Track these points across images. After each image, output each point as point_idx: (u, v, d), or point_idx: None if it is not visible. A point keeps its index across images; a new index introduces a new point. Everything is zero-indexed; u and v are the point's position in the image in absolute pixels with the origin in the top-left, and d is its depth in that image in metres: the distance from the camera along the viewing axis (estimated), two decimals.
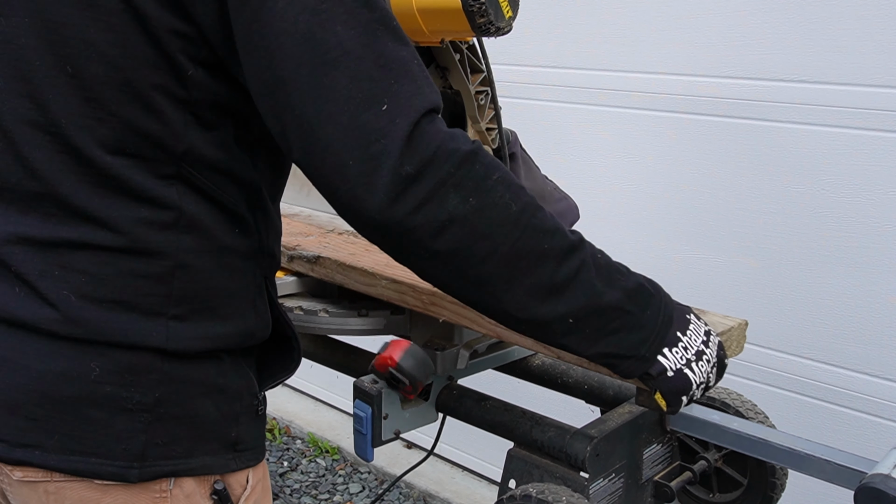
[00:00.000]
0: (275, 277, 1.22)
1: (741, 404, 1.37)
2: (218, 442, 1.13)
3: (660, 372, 1.08)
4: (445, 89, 1.68)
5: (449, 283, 1.03)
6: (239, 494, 1.17)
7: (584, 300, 1.02)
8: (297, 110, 0.95)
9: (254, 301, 1.14)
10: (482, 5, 1.44)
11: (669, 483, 1.35)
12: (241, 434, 1.15)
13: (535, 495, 1.20)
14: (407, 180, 0.94)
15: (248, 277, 1.13)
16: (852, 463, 1.16)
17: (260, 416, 1.19)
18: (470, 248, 0.98)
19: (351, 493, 3.37)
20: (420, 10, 1.50)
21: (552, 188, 1.82)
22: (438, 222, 0.96)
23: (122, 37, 0.99)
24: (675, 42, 2.45)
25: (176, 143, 1.03)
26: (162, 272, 1.05)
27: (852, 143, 2.17)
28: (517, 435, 1.35)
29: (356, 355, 1.62)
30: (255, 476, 1.19)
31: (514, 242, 0.99)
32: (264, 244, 1.16)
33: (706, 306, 2.51)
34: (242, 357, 1.16)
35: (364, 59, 0.95)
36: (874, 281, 2.19)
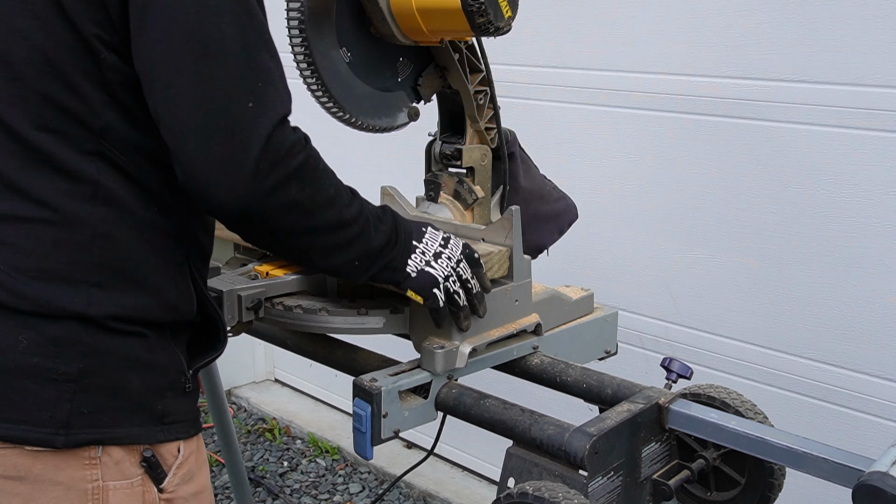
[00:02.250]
0: (202, 260, 1.33)
1: (741, 404, 1.37)
2: (144, 414, 1.21)
3: (405, 276, 1.35)
4: (444, 89, 1.68)
5: (276, 250, 1.34)
6: (171, 463, 1.25)
7: (365, 247, 1.29)
8: (173, 91, 1.09)
9: (175, 277, 1.24)
10: (482, 5, 1.45)
11: (668, 481, 1.36)
12: (169, 408, 1.24)
13: (532, 493, 1.20)
14: (263, 172, 1.11)
15: (169, 254, 1.23)
16: (850, 461, 1.16)
17: (189, 392, 1.28)
18: (301, 226, 1.21)
19: (351, 493, 3.37)
20: (419, 9, 1.50)
21: (551, 188, 1.82)
22: (282, 207, 1.16)
23: (44, 23, 1.11)
24: (675, 42, 2.45)
25: (94, 120, 1.14)
26: (82, 240, 1.15)
27: (852, 143, 2.17)
28: (516, 433, 1.35)
29: (355, 354, 1.62)
30: (187, 448, 1.27)
31: (328, 217, 1.23)
32: (185, 225, 1.26)
33: (706, 306, 2.52)
34: (172, 336, 1.25)
35: (241, 59, 1.10)
36: (874, 281, 2.19)
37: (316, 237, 1.24)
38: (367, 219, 1.30)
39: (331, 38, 1.58)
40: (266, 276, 1.58)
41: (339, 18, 1.59)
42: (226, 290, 1.50)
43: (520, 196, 1.74)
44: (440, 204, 1.69)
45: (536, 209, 1.76)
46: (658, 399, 1.35)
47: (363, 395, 1.39)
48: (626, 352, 1.81)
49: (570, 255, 2.79)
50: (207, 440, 3.74)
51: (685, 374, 1.52)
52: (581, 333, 1.68)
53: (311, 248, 1.25)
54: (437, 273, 1.37)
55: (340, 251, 1.27)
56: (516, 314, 1.54)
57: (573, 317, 1.69)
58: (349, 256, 1.29)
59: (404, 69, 1.65)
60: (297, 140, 1.16)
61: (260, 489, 3.40)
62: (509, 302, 1.52)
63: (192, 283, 1.27)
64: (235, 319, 1.51)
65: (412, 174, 1.85)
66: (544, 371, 1.53)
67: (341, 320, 1.51)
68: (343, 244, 1.27)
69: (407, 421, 1.42)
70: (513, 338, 1.55)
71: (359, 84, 1.65)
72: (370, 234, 1.30)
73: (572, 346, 1.66)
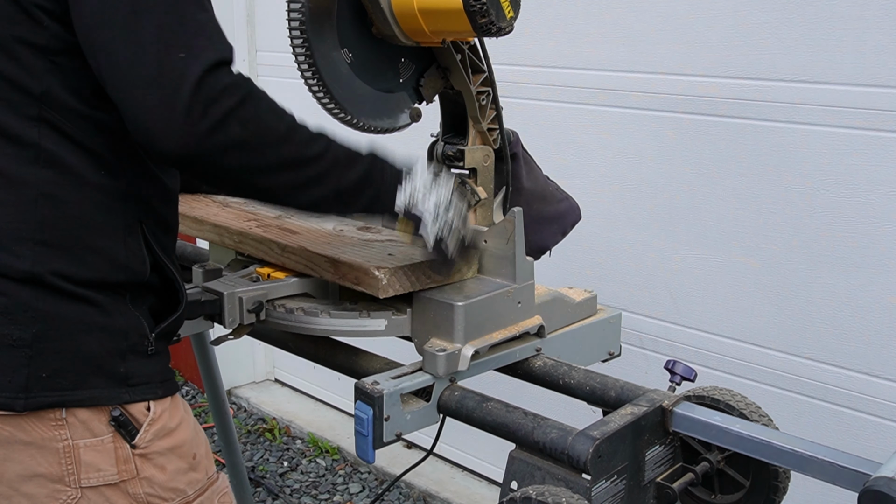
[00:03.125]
0: (161, 228, 1.36)
1: (745, 406, 1.37)
2: (105, 376, 1.27)
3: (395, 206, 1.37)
4: (447, 89, 1.67)
5: (242, 192, 1.37)
6: (142, 421, 1.30)
7: (336, 185, 1.31)
8: (109, 50, 1.15)
9: (123, 237, 1.29)
10: (483, 5, 1.44)
11: (672, 484, 1.35)
12: (132, 370, 1.29)
13: (535, 497, 1.20)
14: (197, 114, 1.14)
15: (118, 215, 1.28)
16: (856, 465, 1.16)
17: (153, 355, 1.32)
18: (253, 164, 1.22)
19: (351, 493, 3.37)
20: (421, 10, 1.49)
21: (554, 189, 1.81)
22: (225, 146, 1.18)
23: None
24: (675, 42, 2.45)
25: (34, 86, 1.20)
26: (26, 200, 1.22)
27: (852, 143, 2.17)
28: (519, 437, 1.35)
29: (357, 356, 1.62)
30: (159, 406, 1.32)
31: (284, 154, 1.24)
32: (136, 189, 1.31)
33: (706, 306, 2.51)
34: (132, 301, 1.30)
35: (169, 13, 1.15)
36: (874, 281, 2.19)
37: (274, 175, 1.25)
38: (337, 157, 1.31)
39: (332, 39, 1.57)
40: (267, 278, 1.58)
41: (341, 19, 1.58)
42: (227, 292, 1.50)
43: (522, 197, 1.73)
44: None
45: (539, 210, 1.75)
46: (662, 402, 1.35)
47: (365, 398, 1.39)
48: (626, 352, 1.81)
49: (570, 255, 2.78)
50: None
51: (689, 377, 1.52)
52: (584, 335, 1.68)
53: (274, 186, 1.27)
54: (426, 213, 1.38)
55: (307, 189, 1.29)
56: (519, 316, 1.54)
57: (576, 319, 1.68)
58: (320, 193, 1.30)
59: (406, 70, 1.65)
60: (233, 82, 1.18)
61: (260, 489, 3.40)
62: (512, 304, 1.52)
63: (144, 246, 1.31)
64: (237, 322, 1.51)
65: None
66: (547, 373, 1.53)
67: (343, 323, 1.51)
68: (308, 182, 1.28)
69: (409, 424, 1.42)
70: (516, 340, 1.54)
71: (360, 85, 1.64)
72: (340, 172, 1.31)
73: (575, 349, 1.66)
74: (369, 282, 1.44)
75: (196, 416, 4.00)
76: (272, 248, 1.61)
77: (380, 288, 1.43)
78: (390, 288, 1.44)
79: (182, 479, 1.36)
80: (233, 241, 1.70)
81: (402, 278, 1.45)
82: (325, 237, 1.64)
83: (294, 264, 1.57)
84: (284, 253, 1.59)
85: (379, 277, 1.43)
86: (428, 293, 1.49)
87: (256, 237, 1.64)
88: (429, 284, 1.49)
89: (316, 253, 1.54)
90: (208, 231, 1.75)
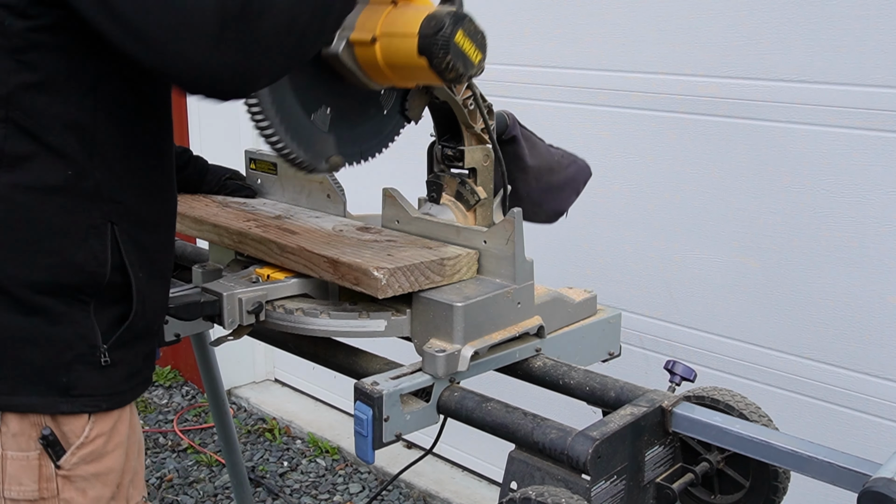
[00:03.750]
0: (135, 224, 1.32)
1: (745, 407, 1.37)
2: (45, 385, 1.26)
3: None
4: (433, 100, 1.67)
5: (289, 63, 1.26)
6: (73, 442, 1.28)
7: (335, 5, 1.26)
8: (118, 10, 1.11)
9: (84, 239, 1.25)
10: (449, 62, 1.43)
11: (671, 485, 1.35)
12: (76, 381, 1.27)
13: (535, 498, 1.20)
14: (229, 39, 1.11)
15: (82, 217, 1.25)
16: (855, 465, 1.16)
17: (107, 366, 1.29)
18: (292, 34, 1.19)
19: (351, 493, 3.37)
20: (388, 66, 1.50)
21: (559, 157, 1.81)
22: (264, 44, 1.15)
23: None
24: (675, 42, 2.44)
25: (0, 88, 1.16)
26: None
27: (852, 143, 2.17)
28: (518, 437, 1.34)
29: (357, 357, 1.62)
30: (99, 427, 1.30)
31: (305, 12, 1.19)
32: (104, 188, 1.27)
33: (706, 306, 2.51)
34: (95, 308, 1.28)
35: None
36: (874, 281, 2.19)
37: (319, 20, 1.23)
38: None
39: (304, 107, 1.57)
40: (267, 279, 1.58)
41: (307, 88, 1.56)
42: (226, 293, 1.50)
43: (529, 175, 1.74)
44: (442, 205, 1.69)
45: (549, 181, 1.77)
46: (662, 402, 1.35)
47: (365, 398, 1.39)
48: (626, 352, 1.81)
49: (570, 255, 2.78)
50: (208, 440, 3.74)
51: (689, 377, 1.52)
52: (584, 335, 1.68)
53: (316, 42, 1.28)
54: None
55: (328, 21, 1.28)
56: (519, 316, 1.54)
57: (576, 319, 1.68)
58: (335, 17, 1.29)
59: (388, 100, 1.66)
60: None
61: (260, 489, 3.40)
62: (512, 304, 1.52)
63: (111, 247, 1.28)
64: (236, 323, 1.51)
65: (414, 175, 1.85)
66: (547, 374, 1.53)
67: (343, 324, 1.51)
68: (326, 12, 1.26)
69: (409, 424, 1.42)
70: (515, 340, 1.54)
71: (351, 132, 1.66)
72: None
73: (575, 349, 1.66)
74: (369, 282, 1.44)
75: (196, 416, 4.01)
76: (271, 248, 1.61)
77: (379, 288, 1.43)
78: (389, 288, 1.44)
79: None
80: (232, 242, 1.70)
81: (401, 279, 1.45)
82: (325, 237, 1.64)
83: (293, 264, 1.57)
84: (284, 253, 1.59)
85: (378, 278, 1.43)
86: (427, 294, 1.49)
87: (256, 237, 1.64)
88: (428, 285, 1.49)
89: (315, 253, 1.53)
90: (208, 231, 1.75)
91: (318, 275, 1.54)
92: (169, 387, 4.28)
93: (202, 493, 3.37)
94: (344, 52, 1.50)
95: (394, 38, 1.46)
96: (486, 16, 3.12)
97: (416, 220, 1.69)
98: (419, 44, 1.42)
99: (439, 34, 1.41)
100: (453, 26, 1.42)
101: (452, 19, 1.43)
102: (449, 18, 1.42)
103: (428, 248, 1.57)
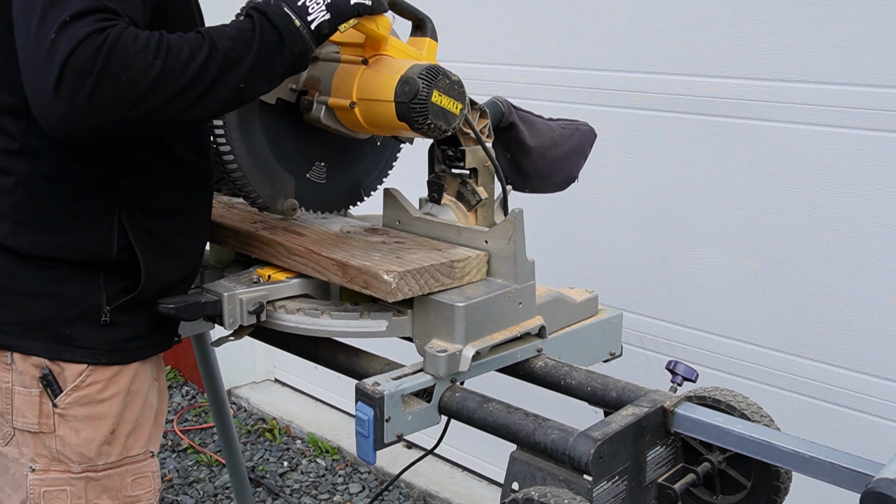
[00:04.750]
0: (144, 212, 1.44)
1: (746, 407, 1.37)
2: (49, 334, 1.43)
3: (319, 29, 1.36)
4: None
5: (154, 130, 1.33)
6: (69, 384, 1.44)
7: (238, 71, 1.28)
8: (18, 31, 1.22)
9: (90, 224, 1.41)
10: (430, 124, 1.44)
11: (673, 485, 1.35)
12: (78, 334, 1.43)
13: (537, 499, 1.20)
14: (67, 92, 1.16)
15: (88, 204, 1.40)
16: (857, 466, 1.16)
17: (106, 325, 1.44)
18: (144, 108, 1.21)
19: (351, 493, 3.37)
20: (371, 125, 1.53)
21: (559, 131, 1.81)
22: (108, 107, 1.18)
23: None
24: (675, 42, 2.45)
25: (20, 88, 1.23)
26: (7, 186, 1.39)
27: (852, 143, 2.17)
28: (520, 437, 1.35)
29: (358, 357, 1.61)
30: (96, 376, 1.45)
31: (167, 84, 1.21)
32: (110, 179, 1.40)
33: (706, 306, 2.51)
34: (105, 277, 1.43)
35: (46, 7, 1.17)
36: (874, 281, 2.19)
37: (173, 104, 1.23)
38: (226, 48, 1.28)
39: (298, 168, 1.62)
40: (268, 279, 1.58)
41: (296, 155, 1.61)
42: (227, 294, 1.49)
43: (533, 155, 1.74)
44: (443, 205, 1.69)
45: (554, 155, 1.78)
46: (663, 402, 1.35)
47: (366, 398, 1.38)
48: (626, 352, 1.81)
49: (570, 255, 2.78)
50: (208, 440, 3.74)
51: (690, 377, 1.52)
52: (585, 336, 1.68)
53: (178, 112, 1.25)
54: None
55: (213, 94, 1.27)
56: (520, 317, 1.54)
57: (577, 319, 1.68)
58: (228, 89, 1.28)
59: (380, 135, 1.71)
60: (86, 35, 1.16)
61: (260, 489, 3.40)
62: (513, 305, 1.52)
63: (117, 231, 1.42)
64: (237, 323, 1.51)
65: (415, 175, 1.85)
66: (548, 374, 1.53)
67: (344, 324, 1.51)
68: (209, 88, 1.26)
69: (410, 425, 1.42)
70: (516, 340, 1.54)
71: (349, 175, 1.70)
72: (237, 58, 1.29)
73: (577, 349, 1.66)
74: (378, 286, 1.44)
75: (196, 416, 4.00)
76: (279, 250, 1.61)
77: (389, 292, 1.42)
78: (399, 292, 1.43)
79: (92, 448, 1.47)
80: (239, 244, 1.70)
81: (410, 282, 1.45)
82: (332, 239, 1.63)
83: (301, 267, 1.57)
84: (291, 256, 1.58)
85: (388, 281, 1.42)
86: (429, 294, 1.48)
87: (263, 239, 1.64)
88: (438, 288, 1.49)
89: (324, 256, 1.53)
90: (213, 233, 1.75)
91: (327, 278, 1.53)
92: (169, 387, 4.28)
93: (202, 493, 3.37)
94: (325, 116, 1.55)
95: (372, 104, 1.48)
96: (486, 16, 3.13)
97: (418, 221, 1.69)
98: (397, 111, 1.44)
99: (415, 100, 1.42)
100: (428, 88, 1.42)
101: (426, 80, 1.42)
102: (422, 81, 1.42)
103: (437, 249, 1.57)
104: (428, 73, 1.43)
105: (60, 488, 1.47)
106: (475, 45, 2.87)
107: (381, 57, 1.52)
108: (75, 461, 1.47)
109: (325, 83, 1.55)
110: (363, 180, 1.74)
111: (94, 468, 1.48)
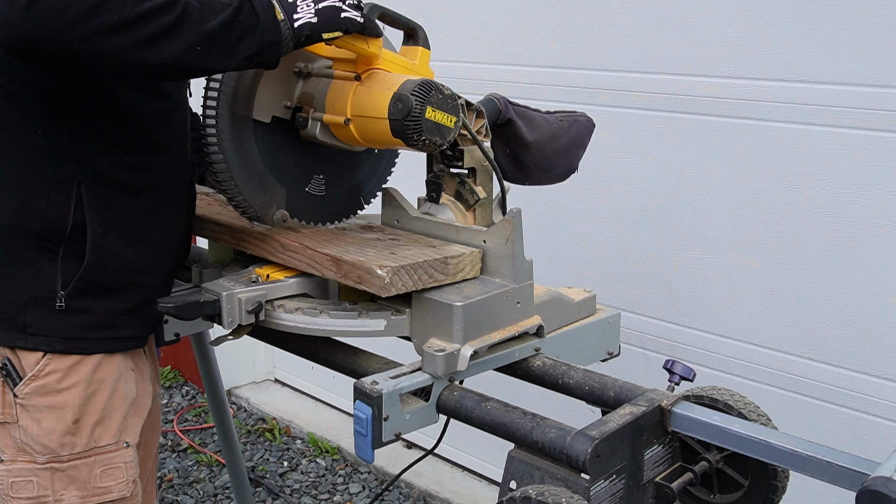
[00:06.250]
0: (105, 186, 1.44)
1: (744, 406, 1.37)
2: (5, 321, 1.43)
3: (301, 29, 1.34)
4: None
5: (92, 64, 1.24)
6: (27, 372, 1.43)
7: (197, 29, 1.25)
8: None
9: (48, 194, 1.40)
10: (425, 140, 1.44)
11: (671, 484, 1.35)
12: (33, 321, 1.43)
13: (535, 497, 1.20)
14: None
15: (48, 171, 1.40)
16: (854, 464, 1.16)
17: (61, 311, 1.43)
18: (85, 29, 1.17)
19: (351, 493, 3.37)
20: (367, 140, 1.54)
21: (557, 123, 1.82)
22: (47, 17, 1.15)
23: None
24: (675, 42, 2.45)
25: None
26: None
27: (852, 143, 2.17)
28: (518, 436, 1.35)
29: (356, 356, 1.62)
30: (55, 364, 1.44)
31: (117, 13, 1.18)
32: (74, 150, 1.40)
33: (706, 306, 2.51)
34: (63, 256, 1.42)
35: None
36: (874, 281, 2.19)
37: (117, 34, 1.19)
38: (188, 5, 1.25)
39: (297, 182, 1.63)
40: (267, 279, 1.58)
41: (294, 164, 1.61)
42: (225, 293, 1.50)
43: (532, 149, 1.75)
44: (442, 205, 1.69)
45: (553, 149, 1.78)
46: (661, 402, 1.35)
47: (364, 397, 1.39)
48: (626, 352, 1.81)
49: (570, 255, 2.78)
50: (208, 440, 3.74)
51: (688, 377, 1.52)
52: (583, 335, 1.68)
53: (120, 47, 1.20)
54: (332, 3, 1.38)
55: (162, 42, 1.22)
56: (518, 316, 1.54)
57: (575, 318, 1.68)
58: (181, 44, 1.23)
59: None
60: None
61: (260, 489, 3.40)
62: (511, 304, 1.52)
63: (75, 204, 1.41)
64: (236, 323, 1.51)
65: (414, 175, 1.85)
66: (546, 373, 1.53)
67: (342, 323, 1.51)
68: (159, 33, 1.21)
69: (408, 424, 1.42)
70: (515, 340, 1.54)
71: (348, 186, 1.70)
72: (201, 17, 1.25)
73: (574, 348, 1.66)
74: (372, 281, 1.44)
75: (196, 416, 4.01)
76: (273, 245, 1.61)
77: (382, 287, 1.43)
78: (393, 287, 1.44)
79: (54, 438, 1.45)
80: (234, 240, 1.70)
81: (404, 277, 1.45)
82: (327, 235, 1.64)
83: (295, 263, 1.57)
84: (286, 251, 1.59)
85: (382, 276, 1.43)
86: (427, 293, 1.49)
87: (258, 235, 1.64)
88: (431, 284, 1.49)
89: (318, 251, 1.54)
90: (209, 230, 1.75)
91: (321, 273, 1.54)
92: (169, 387, 4.28)
93: (202, 493, 3.37)
94: (321, 133, 1.55)
95: (366, 120, 1.48)
96: (486, 16, 3.13)
97: (416, 220, 1.69)
98: (391, 128, 1.45)
99: (409, 117, 1.42)
100: (421, 105, 1.42)
101: (419, 97, 1.42)
102: (415, 98, 1.42)
103: (431, 246, 1.57)
104: (420, 89, 1.43)
105: (27, 479, 1.46)
106: (475, 45, 2.88)
107: (374, 72, 1.52)
108: (39, 451, 1.45)
109: (318, 99, 1.55)
110: (362, 188, 1.74)
111: (59, 459, 1.46)
